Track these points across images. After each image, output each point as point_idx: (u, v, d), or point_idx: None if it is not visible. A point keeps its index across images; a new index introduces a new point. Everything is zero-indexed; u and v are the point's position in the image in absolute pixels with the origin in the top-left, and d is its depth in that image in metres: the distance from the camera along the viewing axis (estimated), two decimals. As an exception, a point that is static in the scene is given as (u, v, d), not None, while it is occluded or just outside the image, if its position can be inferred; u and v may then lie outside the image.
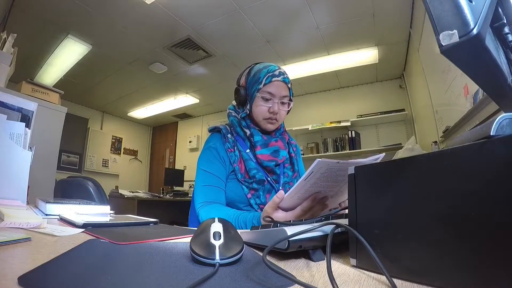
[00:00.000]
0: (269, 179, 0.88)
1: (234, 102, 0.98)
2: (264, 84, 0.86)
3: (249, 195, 0.85)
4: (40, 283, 0.24)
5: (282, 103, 0.89)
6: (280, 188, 0.89)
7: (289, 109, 0.92)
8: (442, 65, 1.90)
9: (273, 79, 0.86)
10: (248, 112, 0.91)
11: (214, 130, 0.97)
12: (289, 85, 0.90)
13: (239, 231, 0.41)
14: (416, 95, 3.15)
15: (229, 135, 0.91)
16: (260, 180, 0.86)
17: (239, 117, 0.93)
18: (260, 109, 0.88)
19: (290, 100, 0.91)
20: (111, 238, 0.44)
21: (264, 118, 0.88)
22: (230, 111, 0.97)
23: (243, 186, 0.86)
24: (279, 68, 0.90)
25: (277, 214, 0.59)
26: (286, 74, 0.90)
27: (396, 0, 2.34)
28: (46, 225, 0.52)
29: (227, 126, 0.96)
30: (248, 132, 0.90)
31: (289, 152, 0.97)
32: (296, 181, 0.96)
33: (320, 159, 0.47)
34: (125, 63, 3.44)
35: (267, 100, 0.87)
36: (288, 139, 1.01)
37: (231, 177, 0.89)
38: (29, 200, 0.86)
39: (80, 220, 0.56)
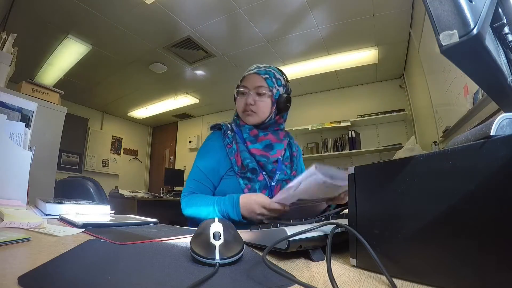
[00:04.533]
0: (263, 173, 0.90)
1: None
2: (241, 81, 0.94)
3: (245, 190, 0.87)
4: (40, 283, 0.24)
5: (258, 94, 0.90)
6: (273, 184, 0.90)
7: (272, 97, 0.91)
8: (442, 65, 1.90)
9: (246, 73, 0.93)
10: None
11: (215, 127, 1.00)
12: (265, 76, 0.90)
13: (239, 231, 0.41)
14: (416, 95, 3.15)
15: (229, 132, 0.94)
16: (253, 169, 0.87)
17: (235, 116, 0.99)
18: (238, 103, 0.94)
19: (271, 91, 0.90)
20: (111, 238, 0.44)
21: (242, 111, 0.93)
22: (235, 116, 1.02)
23: (240, 180, 0.87)
24: (260, 65, 0.95)
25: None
26: (267, 68, 0.93)
27: (396, 0, 2.34)
28: (46, 225, 0.52)
29: (227, 124, 0.99)
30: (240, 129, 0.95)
31: (291, 151, 1.00)
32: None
33: (316, 172, 0.49)
34: (125, 63, 3.44)
35: (243, 93, 0.92)
36: (289, 140, 1.02)
37: (228, 173, 0.90)
38: (29, 200, 0.86)
39: (80, 220, 0.56)
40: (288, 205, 0.65)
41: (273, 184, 0.90)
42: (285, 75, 0.98)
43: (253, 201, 0.72)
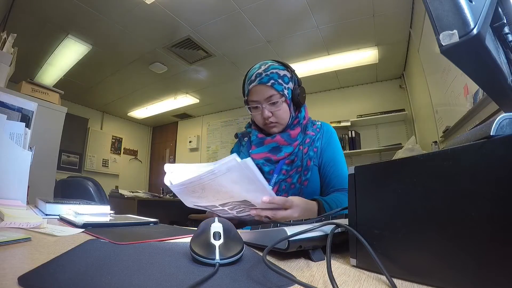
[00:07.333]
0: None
1: None
2: (247, 95, 0.88)
3: None
4: (40, 283, 0.24)
5: (272, 104, 0.83)
6: (271, 186, 0.86)
7: (287, 100, 0.84)
8: (442, 65, 1.90)
9: (250, 86, 0.84)
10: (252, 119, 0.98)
11: (236, 136, 1.07)
12: (271, 83, 0.82)
13: (239, 231, 0.41)
14: (416, 95, 3.15)
15: (245, 139, 1.00)
16: None
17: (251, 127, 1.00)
18: (256, 118, 0.90)
19: (283, 95, 0.83)
20: (111, 238, 0.44)
21: (263, 125, 0.90)
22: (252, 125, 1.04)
23: None
24: (258, 68, 0.85)
25: None
26: (267, 71, 0.83)
27: (396, 0, 2.34)
28: (46, 225, 0.52)
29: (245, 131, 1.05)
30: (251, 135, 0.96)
31: (308, 147, 0.89)
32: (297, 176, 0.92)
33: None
34: (125, 63, 3.44)
35: (256, 108, 0.86)
36: (311, 134, 0.92)
37: None
38: (29, 200, 0.86)
39: (80, 220, 0.56)
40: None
41: (271, 186, 0.87)
42: (287, 65, 0.90)
43: None
